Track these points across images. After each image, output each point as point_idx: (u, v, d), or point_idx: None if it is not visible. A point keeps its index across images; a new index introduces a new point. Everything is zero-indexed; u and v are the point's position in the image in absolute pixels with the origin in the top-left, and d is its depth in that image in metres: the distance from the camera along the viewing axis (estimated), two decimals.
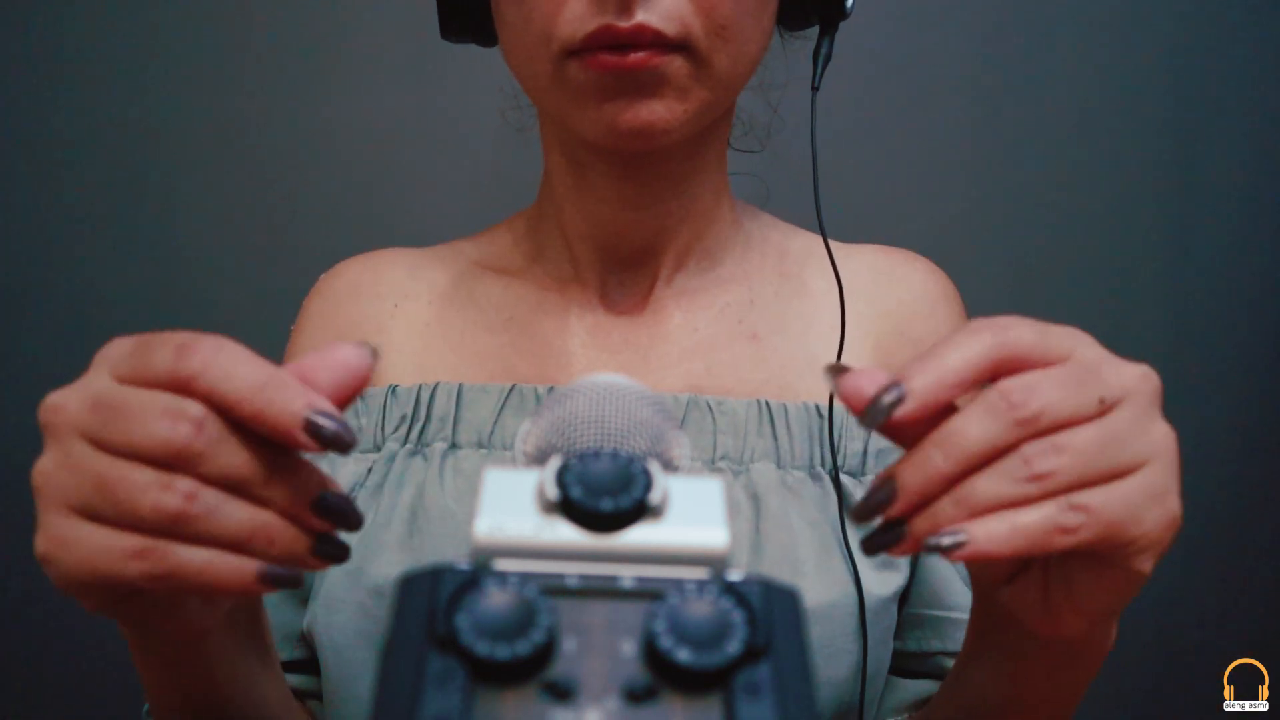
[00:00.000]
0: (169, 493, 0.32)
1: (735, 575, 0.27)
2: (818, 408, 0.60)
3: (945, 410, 0.35)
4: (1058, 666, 0.44)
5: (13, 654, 1.19)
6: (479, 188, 1.13)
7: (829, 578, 0.55)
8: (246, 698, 0.49)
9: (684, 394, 0.60)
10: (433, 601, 0.25)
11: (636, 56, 0.51)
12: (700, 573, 0.27)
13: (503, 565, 0.27)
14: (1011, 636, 0.44)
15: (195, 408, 0.32)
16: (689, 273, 0.64)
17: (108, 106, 1.16)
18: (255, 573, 0.34)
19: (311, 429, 0.33)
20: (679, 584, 0.26)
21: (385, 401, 0.61)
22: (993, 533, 0.33)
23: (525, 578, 0.26)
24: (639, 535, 0.28)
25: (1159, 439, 0.35)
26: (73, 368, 0.37)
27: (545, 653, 0.24)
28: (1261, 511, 1.20)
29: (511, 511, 0.28)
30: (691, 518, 0.28)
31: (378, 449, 0.61)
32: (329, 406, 0.33)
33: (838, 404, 0.60)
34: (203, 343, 0.33)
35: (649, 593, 0.26)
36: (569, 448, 0.34)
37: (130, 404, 0.33)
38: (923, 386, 0.34)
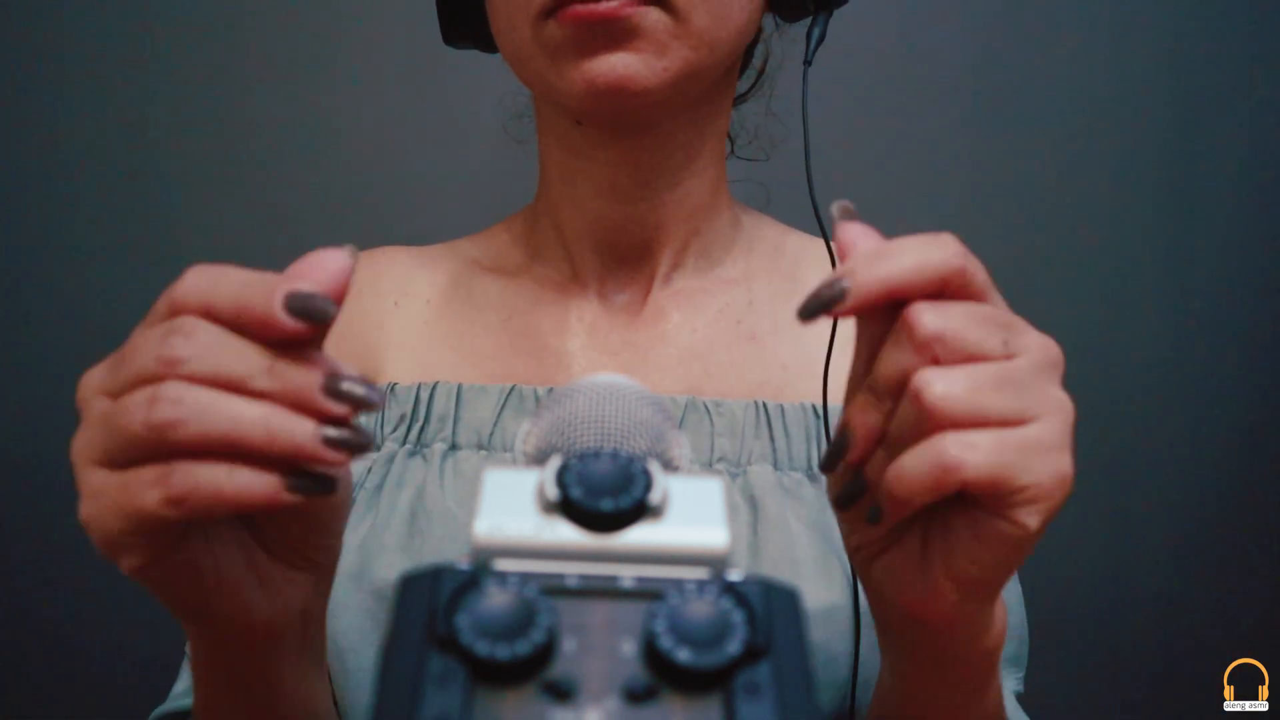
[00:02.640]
0: (158, 404, 0.32)
1: (735, 575, 0.27)
2: (814, 407, 0.60)
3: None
4: (939, 663, 0.42)
5: (15, 653, 1.19)
6: (479, 188, 1.13)
7: (828, 580, 0.54)
8: (305, 709, 0.47)
9: (682, 396, 0.60)
10: (433, 601, 0.25)
11: (608, 5, 0.51)
12: (700, 573, 0.27)
13: (503, 565, 0.27)
14: (894, 626, 0.42)
15: (186, 321, 0.33)
16: (687, 272, 0.64)
17: (108, 107, 1.16)
18: (278, 480, 0.33)
19: (290, 303, 0.33)
20: (679, 584, 0.26)
21: (384, 400, 0.61)
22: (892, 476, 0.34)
23: (525, 578, 0.26)
24: (639, 535, 0.28)
25: (1056, 398, 0.34)
26: (72, 368, 0.37)
27: (545, 653, 0.24)
28: (1261, 511, 1.20)
29: (511, 511, 0.28)
30: (691, 518, 0.28)
31: (377, 448, 0.61)
32: (307, 286, 0.33)
33: (834, 404, 0.60)
34: (190, 269, 0.34)
35: (649, 593, 0.26)
36: (569, 448, 0.34)
37: (134, 343, 0.33)
38: (864, 289, 0.34)
